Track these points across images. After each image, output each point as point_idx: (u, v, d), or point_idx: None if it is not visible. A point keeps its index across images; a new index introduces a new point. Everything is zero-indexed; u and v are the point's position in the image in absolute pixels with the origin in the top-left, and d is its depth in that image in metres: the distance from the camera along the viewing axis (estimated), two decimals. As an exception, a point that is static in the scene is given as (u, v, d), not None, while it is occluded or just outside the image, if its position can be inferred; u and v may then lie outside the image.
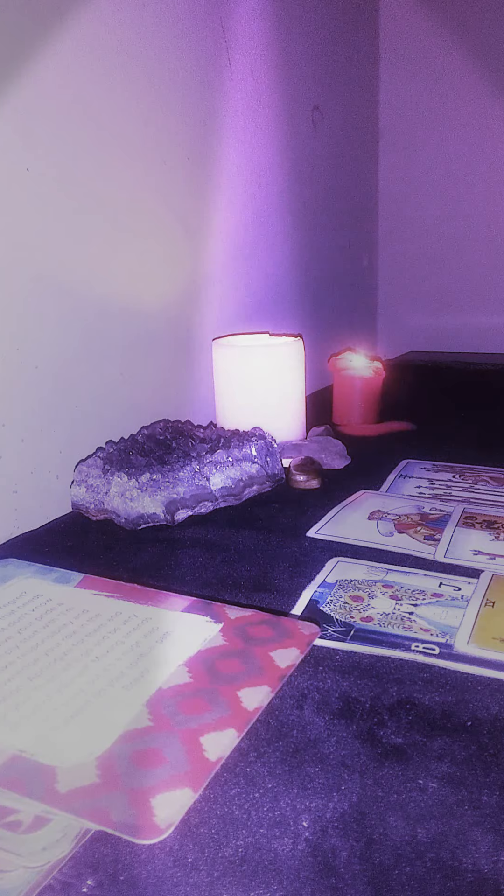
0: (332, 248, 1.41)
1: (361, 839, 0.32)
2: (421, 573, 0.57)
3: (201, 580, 0.58)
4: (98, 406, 0.79)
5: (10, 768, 0.34)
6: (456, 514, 0.68)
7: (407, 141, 1.58)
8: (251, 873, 0.31)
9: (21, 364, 0.69)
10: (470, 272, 1.59)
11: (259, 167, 1.09)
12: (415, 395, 1.24)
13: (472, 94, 1.50)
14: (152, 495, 0.67)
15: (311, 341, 1.17)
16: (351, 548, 0.62)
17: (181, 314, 0.93)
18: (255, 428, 0.80)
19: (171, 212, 0.89)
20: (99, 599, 0.49)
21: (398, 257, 1.65)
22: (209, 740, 0.36)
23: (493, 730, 0.39)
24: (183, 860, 0.31)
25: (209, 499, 0.70)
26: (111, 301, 0.80)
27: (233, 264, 1.05)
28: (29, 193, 0.68)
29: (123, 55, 0.78)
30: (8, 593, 0.51)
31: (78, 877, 0.31)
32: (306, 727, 0.40)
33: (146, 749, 0.35)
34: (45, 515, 0.72)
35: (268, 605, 0.53)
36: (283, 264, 1.21)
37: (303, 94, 1.22)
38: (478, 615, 0.50)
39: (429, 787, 0.35)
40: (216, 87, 0.96)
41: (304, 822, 0.33)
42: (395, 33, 1.53)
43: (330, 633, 0.49)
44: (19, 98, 0.65)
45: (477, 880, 0.30)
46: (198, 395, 0.97)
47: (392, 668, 0.45)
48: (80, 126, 0.73)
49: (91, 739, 0.36)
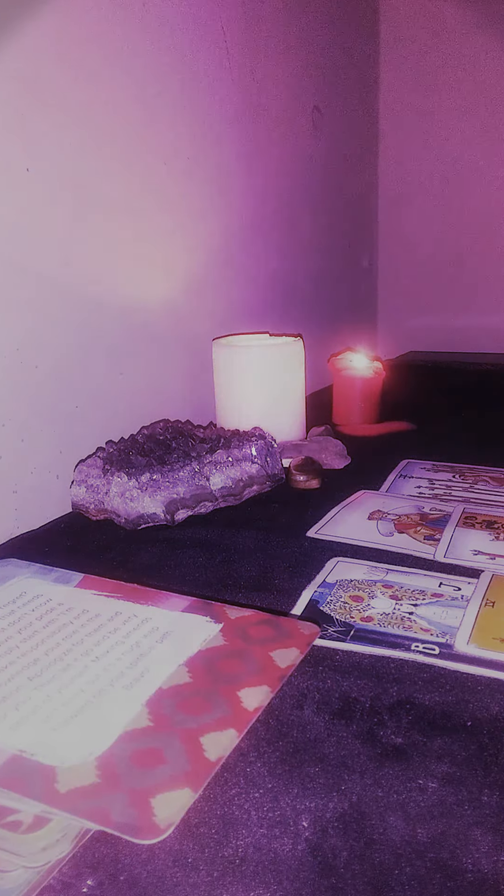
0: (332, 248, 1.41)
1: (361, 839, 0.32)
2: (421, 573, 0.57)
3: (201, 580, 0.58)
4: (98, 406, 0.79)
5: (10, 768, 0.34)
6: (456, 514, 0.68)
7: (407, 141, 1.58)
8: (251, 873, 0.31)
9: (21, 364, 0.69)
10: (470, 272, 1.59)
11: (259, 167, 1.09)
12: (415, 395, 1.24)
13: (472, 93, 1.50)
14: (152, 495, 0.67)
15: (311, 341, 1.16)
16: (351, 548, 0.62)
17: (181, 314, 0.93)
18: (255, 428, 0.80)
19: (171, 212, 0.89)
20: (99, 599, 0.49)
21: (398, 257, 1.65)
22: (209, 740, 0.36)
23: (493, 730, 0.39)
24: (183, 860, 0.31)
25: (209, 499, 0.70)
26: (111, 301, 0.80)
27: (233, 264, 1.05)
28: (29, 193, 0.68)
29: (124, 55, 0.78)
30: (8, 593, 0.51)
31: (78, 877, 0.31)
32: (306, 727, 0.40)
33: (146, 749, 0.35)
34: (45, 515, 0.72)
35: (268, 605, 0.53)
36: (283, 264, 1.21)
37: (303, 94, 1.22)
38: (478, 615, 0.50)
39: (429, 787, 0.35)
40: (216, 87, 0.96)
41: (304, 822, 0.33)
42: (395, 33, 1.53)
43: (330, 633, 0.49)
44: (19, 98, 0.65)
45: (477, 880, 0.30)
46: (198, 395, 0.97)
47: (392, 668, 0.45)
48: (81, 126, 0.73)
49: (91, 739, 0.36)
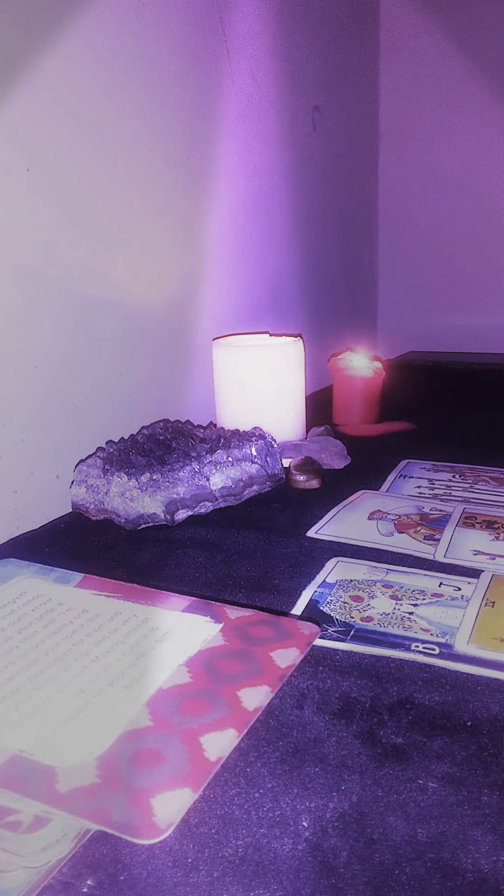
0: (332, 247, 1.41)
1: (361, 839, 0.32)
2: (421, 573, 0.57)
3: (201, 580, 0.58)
4: (98, 406, 0.79)
5: (10, 768, 0.34)
6: (456, 514, 0.68)
7: (407, 141, 1.58)
8: (251, 873, 0.31)
9: (21, 364, 0.69)
10: (470, 272, 1.58)
11: (259, 167, 1.09)
12: (415, 395, 1.24)
13: (472, 93, 1.50)
14: (152, 495, 0.67)
15: (311, 341, 1.17)
16: (351, 548, 0.62)
17: (181, 314, 0.93)
18: (255, 428, 0.80)
19: (171, 211, 0.89)
20: (99, 599, 0.49)
21: (398, 257, 1.65)
22: (209, 740, 0.36)
23: (493, 730, 0.39)
24: (183, 860, 0.31)
25: (209, 499, 0.70)
26: (111, 301, 0.80)
27: (233, 264, 1.05)
28: (29, 193, 0.68)
29: (124, 55, 0.78)
30: (8, 593, 0.51)
31: (78, 877, 0.31)
32: (306, 727, 0.40)
33: (146, 749, 0.35)
34: (45, 515, 0.72)
35: (268, 605, 0.53)
36: (283, 264, 1.21)
37: (303, 94, 1.22)
38: (478, 615, 0.50)
39: (429, 787, 0.35)
40: (216, 87, 0.96)
41: (304, 822, 0.33)
42: (395, 33, 1.53)
43: (330, 633, 0.49)
44: (19, 98, 0.65)
45: (477, 880, 0.30)
46: (198, 395, 0.97)
47: (392, 668, 0.45)
48: (81, 126, 0.73)
49: (91, 739, 0.36)
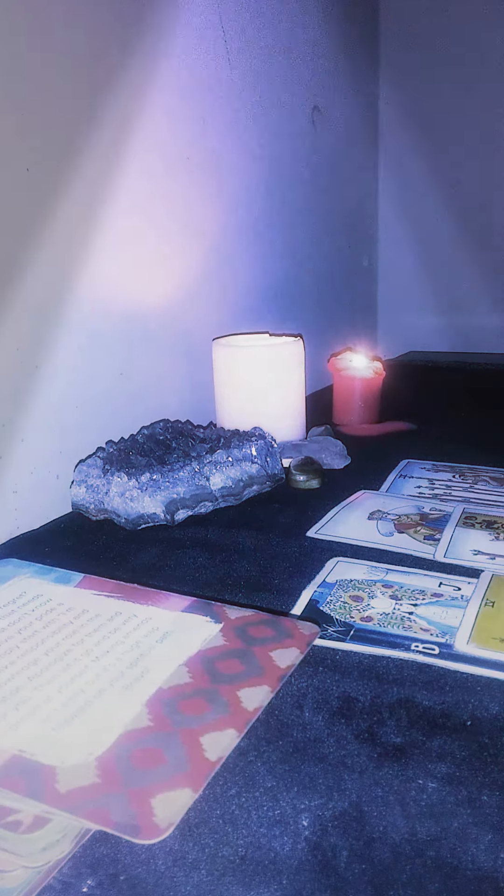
0: (332, 248, 1.41)
1: (361, 838, 0.32)
2: (421, 573, 0.57)
3: (201, 580, 0.58)
4: (98, 406, 0.79)
5: (10, 768, 0.34)
6: (456, 514, 0.68)
7: (407, 141, 1.58)
8: (251, 873, 0.31)
9: (21, 364, 0.69)
10: (470, 272, 1.59)
11: (259, 167, 1.09)
12: (415, 395, 1.24)
13: (472, 93, 1.50)
14: (152, 495, 0.67)
15: (311, 341, 1.17)
16: (351, 548, 0.62)
17: (181, 314, 0.93)
18: (255, 428, 0.80)
19: (171, 211, 0.89)
20: (99, 599, 0.49)
21: (398, 257, 1.65)
22: (209, 740, 0.36)
23: (492, 730, 0.39)
24: (183, 860, 0.31)
25: (209, 499, 0.70)
26: (111, 301, 0.80)
27: (233, 264, 1.05)
28: (29, 193, 0.68)
29: (124, 55, 0.78)
30: (8, 593, 0.51)
31: (78, 877, 0.31)
32: (306, 727, 0.40)
33: (146, 749, 0.35)
34: (45, 515, 0.72)
35: (268, 605, 0.53)
36: (283, 264, 1.21)
37: (303, 94, 1.22)
38: (478, 615, 0.50)
39: (428, 786, 0.35)
40: (216, 87, 0.96)
41: (303, 821, 0.33)
42: (395, 33, 1.53)
43: (330, 633, 0.49)
44: (19, 98, 0.65)
45: (476, 879, 0.30)
46: (198, 395, 0.97)
47: (392, 667, 0.45)
48: (80, 126, 0.73)
49: (91, 739, 0.36)
